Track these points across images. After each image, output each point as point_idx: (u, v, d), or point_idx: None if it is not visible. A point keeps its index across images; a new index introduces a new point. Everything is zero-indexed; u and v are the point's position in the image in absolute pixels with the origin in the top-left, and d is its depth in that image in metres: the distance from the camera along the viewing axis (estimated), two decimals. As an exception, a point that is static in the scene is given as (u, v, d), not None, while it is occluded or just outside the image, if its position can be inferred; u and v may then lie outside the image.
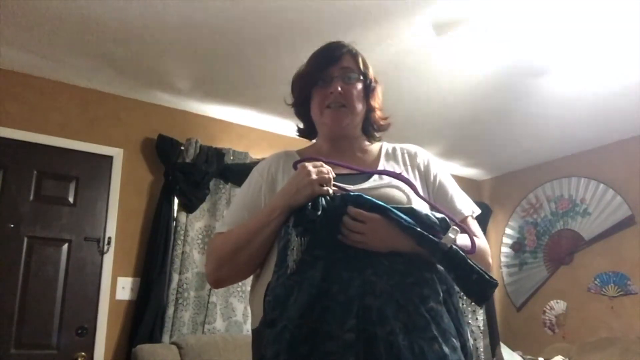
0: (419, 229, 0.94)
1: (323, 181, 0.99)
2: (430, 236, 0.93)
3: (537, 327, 3.93)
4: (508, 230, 4.31)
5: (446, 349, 0.87)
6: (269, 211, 1.04)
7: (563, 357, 3.06)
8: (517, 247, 4.21)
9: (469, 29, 2.34)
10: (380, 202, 0.97)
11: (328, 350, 0.85)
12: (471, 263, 0.93)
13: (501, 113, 3.23)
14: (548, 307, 3.88)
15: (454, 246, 0.93)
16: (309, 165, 1.02)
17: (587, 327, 3.61)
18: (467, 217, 1.15)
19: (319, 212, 0.93)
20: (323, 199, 0.97)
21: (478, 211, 1.20)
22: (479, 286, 0.93)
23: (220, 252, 1.10)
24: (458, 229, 0.96)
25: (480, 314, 3.84)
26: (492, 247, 4.38)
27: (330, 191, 0.99)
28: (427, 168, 1.20)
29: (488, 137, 3.65)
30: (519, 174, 4.33)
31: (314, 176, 0.99)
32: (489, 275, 0.93)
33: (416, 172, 1.19)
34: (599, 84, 2.82)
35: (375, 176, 1.13)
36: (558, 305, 3.83)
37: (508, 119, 3.30)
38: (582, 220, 3.77)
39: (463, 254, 0.94)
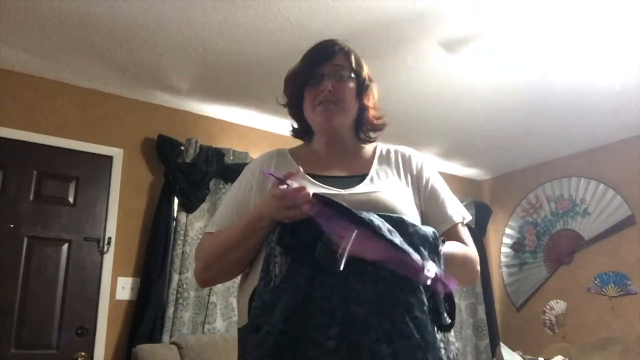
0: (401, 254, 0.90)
1: (296, 216, 0.92)
2: (413, 263, 0.90)
3: (537, 327, 3.93)
4: (508, 230, 4.31)
5: (430, 358, 0.87)
6: (257, 219, 1.00)
7: (563, 357, 3.06)
8: (517, 247, 4.20)
9: (476, 43, 2.35)
10: (367, 219, 0.90)
11: (310, 356, 0.85)
12: (442, 305, 0.92)
13: (501, 113, 3.23)
14: (548, 307, 3.88)
15: (432, 280, 0.90)
16: (275, 203, 0.93)
17: (587, 327, 3.61)
18: (457, 223, 1.14)
19: (298, 240, 0.91)
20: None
21: (469, 217, 1.19)
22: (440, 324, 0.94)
23: (208, 253, 1.09)
24: (442, 248, 0.96)
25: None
26: (492, 247, 4.39)
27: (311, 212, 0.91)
28: (419, 172, 1.18)
29: (488, 137, 3.65)
30: (519, 174, 4.33)
31: (286, 215, 0.93)
32: (448, 321, 0.93)
33: (409, 176, 1.17)
34: (598, 83, 2.82)
35: (367, 180, 1.11)
36: (558, 305, 3.83)
37: (508, 119, 3.30)
38: (582, 220, 3.77)
39: (438, 289, 0.91)
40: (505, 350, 3.00)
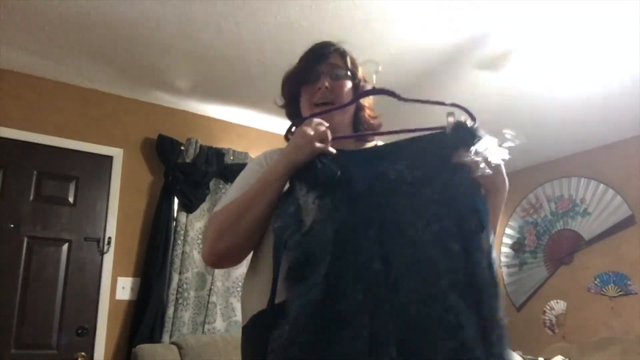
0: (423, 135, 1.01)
1: (321, 137, 0.97)
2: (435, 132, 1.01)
3: (537, 327, 3.93)
4: (508, 230, 4.31)
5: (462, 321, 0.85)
6: (271, 170, 1.01)
7: (563, 357, 3.06)
8: (517, 247, 4.20)
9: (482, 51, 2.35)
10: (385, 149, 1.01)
11: (342, 309, 0.84)
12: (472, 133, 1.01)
13: (501, 113, 3.22)
14: (548, 307, 3.88)
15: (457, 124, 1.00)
16: (305, 125, 1.00)
17: (587, 327, 3.61)
18: None
19: (338, 173, 0.92)
20: (324, 158, 0.94)
21: None
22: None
23: (221, 220, 1.05)
24: (453, 110, 1.03)
25: None
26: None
27: (331, 149, 0.97)
28: None
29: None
30: (519, 174, 4.33)
31: (311, 132, 0.97)
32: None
33: None
34: (598, 84, 2.82)
35: None
36: (558, 305, 3.83)
37: (508, 119, 3.30)
38: (582, 220, 3.77)
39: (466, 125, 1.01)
40: (505, 350, 2.99)
